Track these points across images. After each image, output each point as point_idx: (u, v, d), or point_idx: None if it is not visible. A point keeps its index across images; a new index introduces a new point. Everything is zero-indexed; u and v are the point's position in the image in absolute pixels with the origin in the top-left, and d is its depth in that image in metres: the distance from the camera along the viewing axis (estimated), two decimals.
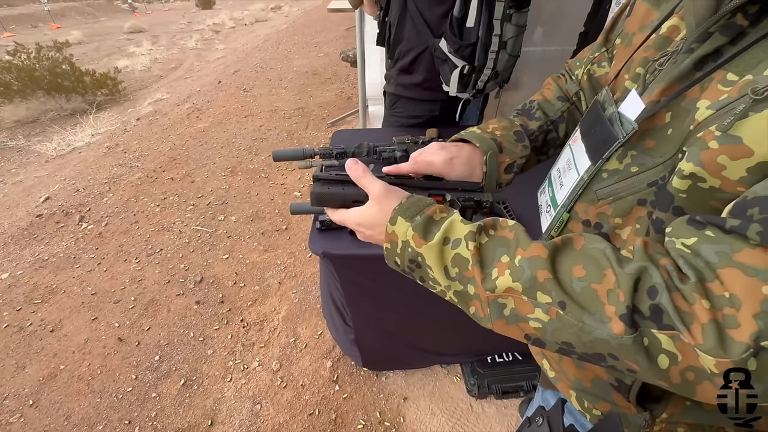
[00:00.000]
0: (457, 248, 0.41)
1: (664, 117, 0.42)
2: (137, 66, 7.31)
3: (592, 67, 0.64)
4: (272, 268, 2.16)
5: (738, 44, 0.37)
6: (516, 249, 0.39)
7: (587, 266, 0.36)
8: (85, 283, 2.13)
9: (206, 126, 4.02)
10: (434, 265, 0.42)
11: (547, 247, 0.38)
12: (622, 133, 0.45)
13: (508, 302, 0.38)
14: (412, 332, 1.33)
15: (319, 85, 5.04)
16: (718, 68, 0.37)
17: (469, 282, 0.40)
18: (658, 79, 0.44)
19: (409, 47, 1.36)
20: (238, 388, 1.58)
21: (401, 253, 0.44)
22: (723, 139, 0.34)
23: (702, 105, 0.37)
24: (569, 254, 0.38)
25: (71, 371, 1.67)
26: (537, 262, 0.37)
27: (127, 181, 3.09)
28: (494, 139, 0.61)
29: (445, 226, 0.42)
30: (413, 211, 0.44)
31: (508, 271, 0.38)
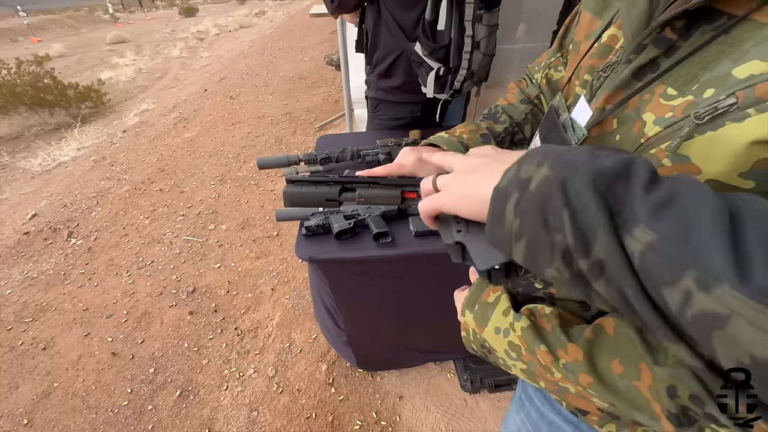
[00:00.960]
0: (508, 336, 0.46)
1: (611, 123, 0.45)
2: (121, 77, 7.24)
3: (550, 71, 0.68)
4: (265, 274, 2.17)
5: (672, 56, 0.39)
6: (557, 349, 0.42)
7: (624, 360, 0.37)
8: (76, 299, 2.12)
9: (193, 135, 4.01)
10: (498, 350, 0.47)
11: (582, 347, 0.40)
12: (575, 139, 0.48)
13: (569, 386, 0.42)
14: (404, 332, 1.35)
15: (305, 90, 5.05)
16: (656, 80, 0.40)
17: (528, 364, 0.45)
18: (603, 87, 0.47)
19: (386, 52, 1.38)
20: (234, 396, 1.58)
21: (474, 339, 0.50)
22: (674, 158, 0.36)
23: (648, 119, 0.39)
24: (604, 346, 0.39)
25: (65, 388, 1.67)
26: (578, 367, 0.39)
27: (115, 194, 3.08)
28: (461, 141, 0.64)
29: (495, 315, 0.48)
30: (473, 301, 0.51)
31: (555, 369, 0.42)
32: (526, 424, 0.70)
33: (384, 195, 0.53)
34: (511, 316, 0.46)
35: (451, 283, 1.14)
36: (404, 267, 1.10)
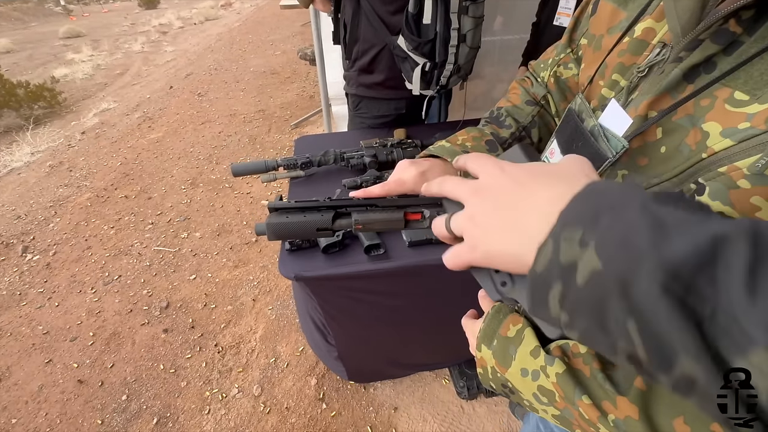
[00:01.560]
0: (538, 380, 0.39)
1: (654, 133, 0.39)
2: (78, 74, 6.75)
3: (559, 69, 0.61)
4: (245, 284, 2.05)
5: (733, 54, 0.33)
6: (602, 401, 0.35)
7: (689, 419, 0.30)
8: (34, 322, 1.93)
9: (160, 136, 3.77)
10: (525, 393, 0.40)
11: (635, 402, 0.33)
12: (612, 152, 0.42)
13: None
14: (397, 345, 1.28)
15: (278, 86, 4.85)
16: (716, 83, 0.33)
17: (563, 411, 0.38)
18: (644, 90, 0.41)
19: (366, 46, 1.29)
20: (217, 420, 1.48)
21: (493, 378, 0.44)
22: (756, 179, 0.30)
23: (712, 129, 0.33)
24: (662, 400, 0.33)
25: (25, 424, 1.51)
26: (633, 427, 0.33)
27: (75, 203, 2.84)
28: (465, 151, 0.57)
29: (519, 355, 0.40)
30: (490, 335, 0.44)
31: (601, 425, 0.35)
32: None
33: (384, 219, 0.45)
34: (542, 359, 0.39)
35: (447, 294, 1.08)
36: (398, 280, 1.03)
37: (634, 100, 0.42)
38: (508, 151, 0.35)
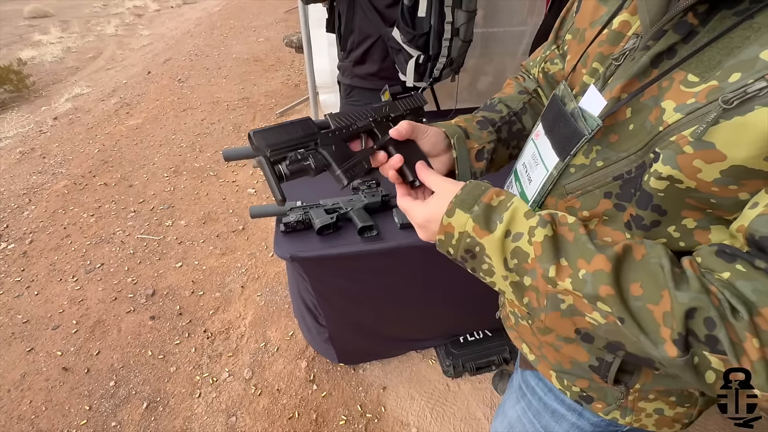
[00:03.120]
0: (518, 241, 0.42)
1: (625, 113, 0.44)
2: (46, 57, 6.40)
3: (546, 65, 0.66)
4: (232, 272, 2.05)
5: (690, 43, 0.39)
6: (577, 259, 0.40)
7: (645, 284, 0.37)
8: (13, 311, 1.88)
9: (139, 123, 3.66)
10: (494, 256, 0.43)
11: (610, 260, 0.38)
12: (588, 129, 0.46)
13: (567, 299, 0.40)
14: (387, 324, 1.34)
15: (262, 73, 4.77)
16: (675, 68, 0.39)
17: (527, 274, 0.41)
18: (617, 75, 0.46)
19: (361, 37, 1.31)
20: (209, 403, 1.50)
21: (456, 243, 0.45)
22: (697, 144, 0.36)
23: (668, 106, 0.39)
24: (629, 267, 0.39)
25: (9, 412, 1.48)
26: (600, 277, 0.38)
27: (50, 191, 2.75)
28: (459, 126, 0.61)
29: (507, 217, 0.43)
30: (470, 201, 0.45)
31: (569, 280, 0.39)
32: (527, 413, 0.71)
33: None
34: (535, 220, 0.42)
35: (435, 274, 1.14)
36: (390, 260, 1.07)
37: (610, 83, 0.47)
38: None
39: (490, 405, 1.47)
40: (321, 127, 0.49)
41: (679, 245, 0.43)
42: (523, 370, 0.74)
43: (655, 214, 0.42)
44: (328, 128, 0.50)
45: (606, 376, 0.52)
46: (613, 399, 0.55)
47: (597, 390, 0.56)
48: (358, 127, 0.53)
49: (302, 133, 0.47)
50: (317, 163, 0.47)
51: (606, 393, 0.56)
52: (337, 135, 0.51)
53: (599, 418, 0.60)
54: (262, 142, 0.44)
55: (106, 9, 10.80)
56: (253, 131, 0.44)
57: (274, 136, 0.45)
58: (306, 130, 0.47)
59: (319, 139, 0.48)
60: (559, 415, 0.65)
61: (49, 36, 7.60)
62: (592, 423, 0.62)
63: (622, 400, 0.54)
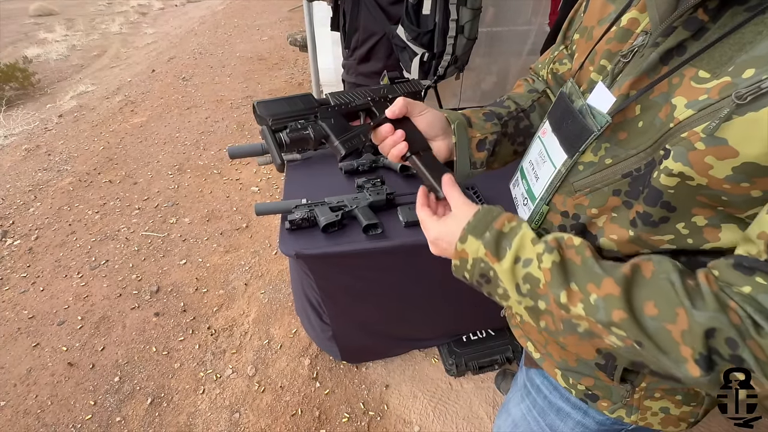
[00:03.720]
0: (528, 267, 0.43)
1: (634, 109, 0.44)
2: (52, 54, 6.43)
3: (555, 65, 0.66)
4: (236, 269, 2.06)
5: (700, 39, 0.39)
6: (587, 283, 0.40)
7: (659, 303, 0.37)
8: (19, 307, 1.90)
9: (144, 120, 3.68)
10: (506, 282, 0.44)
11: (619, 284, 0.38)
12: (597, 126, 0.46)
13: (582, 323, 0.40)
14: (390, 322, 1.34)
15: (266, 72, 4.78)
16: (686, 64, 0.39)
17: (541, 299, 0.42)
18: (626, 72, 0.46)
19: (366, 35, 1.31)
20: (212, 399, 1.50)
21: (471, 269, 0.47)
22: (709, 141, 0.35)
23: (679, 102, 0.38)
24: (640, 286, 0.38)
25: (15, 406, 1.50)
26: (611, 302, 0.38)
27: (56, 188, 2.76)
28: (463, 114, 0.61)
29: (516, 245, 0.44)
30: (482, 228, 0.46)
31: (581, 305, 0.39)
32: (532, 411, 0.71)
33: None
34: (542, 246, 0.43)
35: (440, 273, 1.14)
36: (395, 258, 1.08)
37: (618, 80, 0.47)
38: None
39: (492, 404, 1.47)
40: (321, 103, 0.53)
41: (687, 242, 0.42)
42: (528, 368, 0.74)
43: (663, 211, 0.42)
44: (327, 104, 0.53)
45: (612, 374, 0.52)
46: (619, 397, 0.55)
47: (602, 388, 0.56)
48: (357, 105, 0.55)
49: (303, 106, 0.51)
50: (316, 134, 0.50)
51: (611, 391, 0.56)
52: (336, 110, 0.54)
53: (604, 416, 0.60)
54: (265, 111, 0.48)
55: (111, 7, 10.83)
56: (257, 101, 0.49)
57: (277, 107, 0.49)
58: (306, 104, 0.51)
59: (318, 112, 0.51)
60: (564, 414, 0.65)
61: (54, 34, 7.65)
62: (597, 421, 0.62)
63: (628, 399, 0.54)
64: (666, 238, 0.43)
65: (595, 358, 0.53)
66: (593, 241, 0.51)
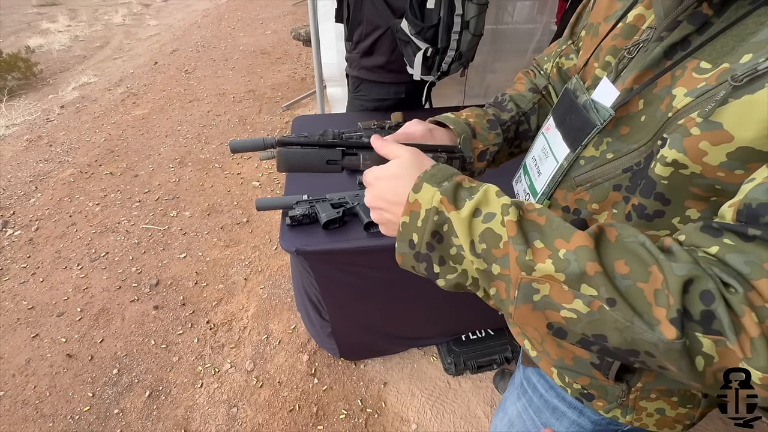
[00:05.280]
0: (489, 222, 0.37)
1: (637, 104, 0.44)
2: (54, 45, 6.41)
3: (561, 60, 0.66)
4: (236, 264, 2.06)
5: (704, 33, 0.39)
6: (554, 239, 0.35)
7: (630, 261, 0.34)
8: (18, 297, 1.90)
9: (145, 113, 3.66)
10: (462, 235, 0.37)
11: (591, 236, 0.35)
12: (599, 120, 0.46)
13: (543, 288, 0.35)
14: (390, 321, 1.34)
15: (269, 66, 4.75)
16: (689, 57, 0.39)
17: (496, 261, 0.36)
18: (630, 67, 0.46)
19: (369, 29, 1.29)
20: (210, 393, 1.50)
21: (422, 225, 0.39)
22: (704, 125, 0.35)
23: (679, 92, 0.38)
24: (607, 246, 0.35)
25: (13, 397, 1.50)
26: (585, 254, 0.34)
27: (57, 179, 2.76)
28: (468, 123, 0.61)
29: (479, 195, 0.38)
30: (440, 177, 0.40)
31: (549, 261, 0.34)
32: (528, 410, 0.71)
33: None
34: (507, 199, 0.38)
35: None
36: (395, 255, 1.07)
37: (622, 75, 0.46)
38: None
39: (490, 403, 1.47)
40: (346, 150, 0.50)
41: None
42: (525, 367, 0.73)
43: (658, 203, 0.41)
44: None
45: (607, 373, 0.52)
46: (614, 397, 0.55)
47: (598, 388, 0.56)
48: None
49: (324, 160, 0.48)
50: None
51: (607, 391, 0.55)
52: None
53: (600, 416, 0.60)
54: (283, 165, 0.47)
55: None
56: (280, 150, 0.47)
57: (296, 164, 0.48)
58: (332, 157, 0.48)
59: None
60: (560, 413, 0.64)
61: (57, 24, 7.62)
62: (592, 421, 0.62)
63: (624, 399, 0.54)
64: (661, 234, 0.43)
65: (591, 357, 0.53)
66: None
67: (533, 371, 0.70)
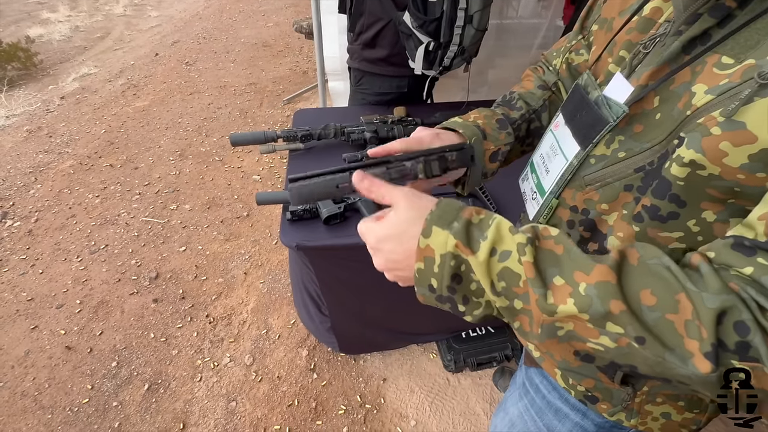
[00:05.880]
0: (506, 261, 0.36)
1: (652, 101, 0.42)
2: (54, 35, 6.36)
3: (570, 55, 0.64)
4: (236, 258, 2.05)
5: (726, 26, 0.37)
6: (573, 271, 0.34)
7: (656, 290, 0.32)
8: (18, 288, 1.89)
9: (146, 105, 3.64)
10: (482, 277, 0.36)
11: (612, 269, 0.33)
12: (612, 117, 0.44)
13: (567, 325, 0.34)
14: (390, 316, 1.33)
15: (270, 59, 4.71)
16: (708, 51, 0.37)
17: (518, 298, 0.36)
18: (646, 62, 0.44)
19: (371, 20, 1.27)
20: (209, 387, 1.50)
21: (440, 270, 0.37)
22: (726, 125, 0.33)
23: (699, 89, 0.36)
24: (631, 274, 0.34)
25: (12, 388, 1.50)
26: (607, 290, 0.32)
27: (56, 170, 2.74)
28: (477, 126, 0.59)
29: (492, 234, 0.36)
30: (448, 218, 0.38)
31: (571, 300, 0.33)
32: (530, 410, 0.70)
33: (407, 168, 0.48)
34: (522, 237, 0.36)
35: None
36: None
37: (637, 71, 0.44)
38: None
39: (489, 401, 1.47)
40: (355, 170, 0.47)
41: (698, 240, 0.40)
42: (528, 367, 0.72)
43: (673, 205, 0.39)
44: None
45: (613, 377, 0.51)
46: (619, 400, 0.54)
47: (603, 390, 0.55)
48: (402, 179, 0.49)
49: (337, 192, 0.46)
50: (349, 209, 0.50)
51: (612, 394, 0.54)
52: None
53: (603, 419, 0.59)
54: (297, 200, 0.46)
55: None
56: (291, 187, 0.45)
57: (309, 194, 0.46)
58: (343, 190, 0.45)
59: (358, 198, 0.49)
60: (563, 415, 0.63)
61: (57, 14, 7.56)
62: (596, 424, 0.61)
63: (629, 402, 0.53)
64: (675, 236, 0.41)
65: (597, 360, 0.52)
66: (602, 241, 0.49)
67: (536, 372, 0.69)
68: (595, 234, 0.50)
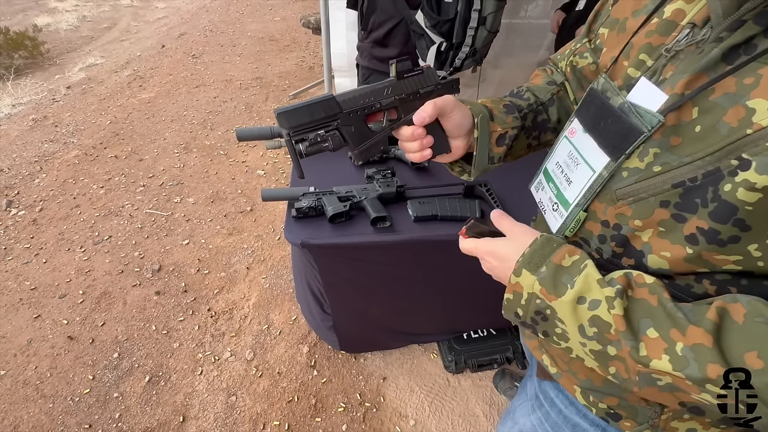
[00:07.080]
0: (596, 310, 0.38)
1: (690, 112, 0.39)
2: (61, 24, 6.37)
3: (574, 58, 0.62)
4: (238, 252, 2.05)
5: None
6: (670, 329, 0.35)
7: (763, 353, 0.31)
8: (21, 278, 1.90)
9: (152, 96, 3.64)
10: (568, 321, 0.39)
11: (709, 332, 0.33)
12: (646, 126, 0.41)
13: (665, 378, 0.35)
14: (392, 316, 1.33)
15: (277, 53, 4.70)
16: (754, 61, 0.35)
17: (611, 344, 0.37)
18: (681, 69, 0.41)
19: (383, 18, 1.26)
20: (210, 381, 1.51)
21: (525, 304, 0.43)
22: None
23: (758, 106, 0.34)
24: (734, 334, 0.33)
25: (14, 376, 1.51)
26: (704, 355, 0.32)
27: (62, 160, 2.75)
28: (485, 106, 0.58)
29: (580, 283, 0.39)
30: (538, 261, 0.42)
31: (666, 357, 0.34)
32: (544, 424, 0.68)
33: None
34: (611, 290, 0.38)
35: (447, 269, 1.12)
36: (402, 252, 1.05)
37: (669, 78, 0.42)
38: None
39: (489, 403, 1.47)
40: (343, 107, 0.50)
41: (757, 265, 0.37)
42: (541, 380, 0.70)
43: (736, 229, 0.36)
44: (350, 108, 0.51)
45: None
46: (646, 418, 0.51)
47: (627, 408, 0.53)
48: (382, 105, 0.53)
49: (324, 114, 0.49)
50: (335, 144, 0.51)
51: (637, 411, 0.52)
52: (359, 114, 0.52)
53: None
54: (285, 123, 0.47)
55: None
56: (278, 111, 0.47)
57: (297, 117, 0.48)
58: (328, 111, 0.49)
59: (340, 119, 0.50)
60: (582, 429, 0.61)
61: (64, 3, 7.55)
62: None
63: (655, 420, 0.51)
64: (732, 258, 0.38)
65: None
66: (639, 258, 0.46)
67: (551, 385, 0.67)
68: (628, 249, 0.47)
